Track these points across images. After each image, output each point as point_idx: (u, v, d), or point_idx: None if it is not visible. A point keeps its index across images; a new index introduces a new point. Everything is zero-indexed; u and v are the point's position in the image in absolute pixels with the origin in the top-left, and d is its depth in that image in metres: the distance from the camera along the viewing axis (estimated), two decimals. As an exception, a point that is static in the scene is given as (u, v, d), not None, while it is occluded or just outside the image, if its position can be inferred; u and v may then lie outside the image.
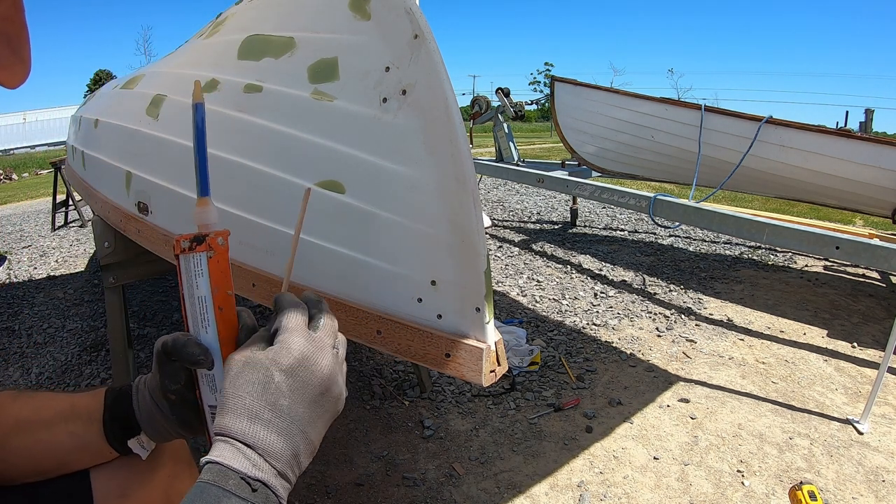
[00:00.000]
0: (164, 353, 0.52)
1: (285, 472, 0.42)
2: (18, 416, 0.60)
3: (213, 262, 0.49)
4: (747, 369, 2.16)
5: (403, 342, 0.68)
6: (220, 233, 0.50)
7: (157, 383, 0.54)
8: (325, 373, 0.45)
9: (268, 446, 0.42)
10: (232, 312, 0.51)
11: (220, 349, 0.50)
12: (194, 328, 0.50)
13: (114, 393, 0.61)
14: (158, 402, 0.56)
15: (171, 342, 0.51)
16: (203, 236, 0.49)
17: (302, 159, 0.74)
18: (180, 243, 0.50)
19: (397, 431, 1.75)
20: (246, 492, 0.39)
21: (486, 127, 4.41)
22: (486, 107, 4.25)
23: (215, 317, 0.49)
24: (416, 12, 0.59)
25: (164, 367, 0.53)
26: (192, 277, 0.49)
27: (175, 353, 0.50)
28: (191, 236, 0.50)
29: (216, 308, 0.49)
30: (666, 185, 5.58)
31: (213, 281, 0.49)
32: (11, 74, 0.32)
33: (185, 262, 0.50)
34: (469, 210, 0.59)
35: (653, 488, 1.49)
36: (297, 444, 0.43)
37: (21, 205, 7.58)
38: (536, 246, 4.04)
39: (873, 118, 13.53)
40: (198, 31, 1.33)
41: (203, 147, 0.51)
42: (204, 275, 0.49)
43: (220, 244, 0.50)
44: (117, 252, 1.50)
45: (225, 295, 0.50)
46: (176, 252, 0.50)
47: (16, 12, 0.32)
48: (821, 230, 2.08)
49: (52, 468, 0.61)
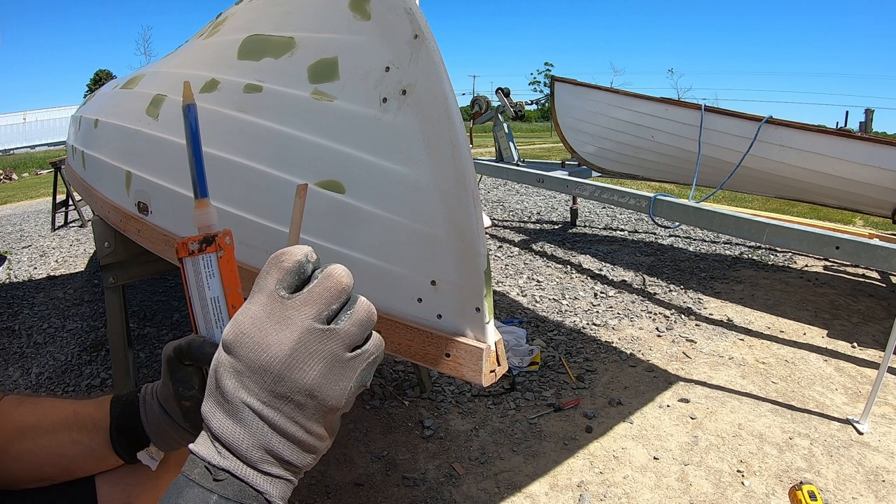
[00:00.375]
0: (176, 358, 0.51)
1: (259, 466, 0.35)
2: (21, 421, 0.60)
3: (223, 262, 0.49)
4: (747, 369, 2.16)
5: (403, 342, 0.68)
6: (226, 232, 0.50)
7: (169, 392, 0.53)
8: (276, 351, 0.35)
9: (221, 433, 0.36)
10: None
11: None
12: (207, 329, 0.50)
13: (120, 404, 0.60)
14: (170, 411, 0.55)
15: (185, 345, 0.50)
16: (212, 237, 0.49)
17: (302, 159, 0.74)
18: (187, 246, 0.49)
19: (397, 431, 1.75)
20: (208, 481, 0.35)
21: (486, 127, 4.41)
22: (486, 107, 4.24)
23: (230, 316, 0.49)
24: (416, 12, 0.59)
25: (176, 373, 0.52)
26: (203, 279, 0.49)
27: (191, 355, 0.49)
28: (198, 238, 0.49)
29: (230, 307, 0.49)
30: (666, 185, 5.58)
31: (224, 280, 0.49)
32: None
33: (193, 265, 0.49)
34: (469, 210, 0.59)
35: (653, 488, 1.49)
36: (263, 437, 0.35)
37: (21, 205, 7.58)
38: (536, 246, 4.04)
39: (873, 118, 13.51)
40: (198, 31, 1.33)
41: (198, 149, 0.50)
42: (216, 275, 0.49)
43: (227, 243, 0.49)
44: (117, 252, 1.50)
45: (237, 293, 0.50)
46: (182, 255, 0.49)
47: None
48: (821, 230, 2.08)
49: (55, 475, 0.61)
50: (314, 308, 0.36)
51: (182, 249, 0.49)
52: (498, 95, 4.17)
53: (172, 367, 0.52)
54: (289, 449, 0.36)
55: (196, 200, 0.51)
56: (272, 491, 0.36)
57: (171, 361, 0.52)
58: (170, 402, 0.54)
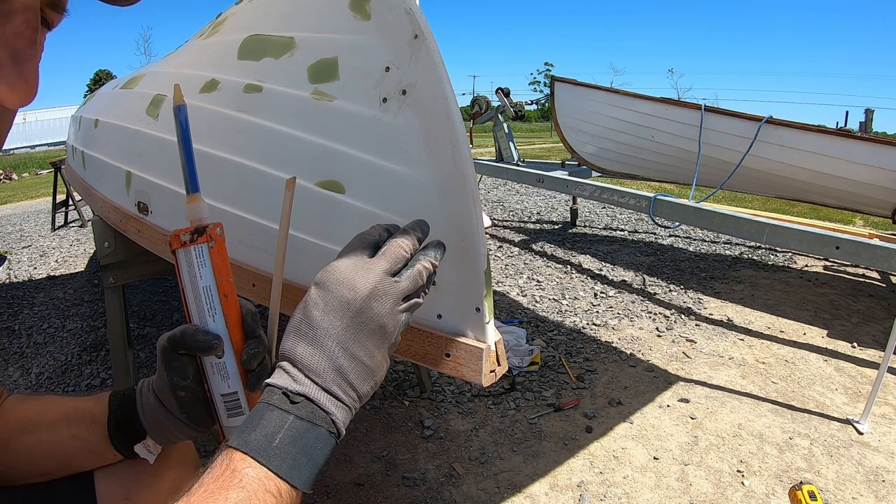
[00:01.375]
0: (170, 347, 0.52)
1: (330, 388, 0.43)
2: (23, 417, 0.61)
3: (214, 252, 0.50)
4: (747, 369, 2.16)
5: (403, 342, 0.68)
6: (216, 224, 0.51)
7: (165, 383, 0.54)
8: (361, 290, 0.44)
9: (302, 358, 0.43)
10: (235, 299, 0.52)
11: (229, 335, 0.51)
12: (200, 319, 0.51)
13: (118, 398, 0.61)
14: (166, 403, 0.55)
15: (179, 334, 0.51)
16: (203, 227, 0.50)
17: (302, 159, 0.74)
18: (179, 237, 0.50)
19: (397, 431, 1.75)
20: (285, 404, 0.41)
21: (486, 127, 4.41)
22: (486, 107, 4.24)
23: (221, 304, 0.50)
24: (416, 12, 0.59)
25: (170, 363, 0.52)
26: (196, 269, 0.50)
27: (185, 343, 0.50)
28: (190, 229, 0.50)
29: (221, 296, 0.50)
30: (666, 185, 5.58)
31: (216, 270, 0.50)
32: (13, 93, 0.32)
33: (185, 256, 0.50)
34: (469, 210, 0.59)
35: (653, 488, 1.49)
36: (337, 359, 0.43)
37: (21, 205, 7.58)
38: (536, 246, 4.04)
39: (873, 118, 13.52)
40: (198, 31, 1.33)
41: (189, 146, 0.52)
42: (207, 265, 0.50)
43: (218, 234, 0.51)
44: (117, 252, 1.50)
45: (228, 283, 0.51)
46: (174, 247, 0.51)
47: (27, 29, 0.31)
48: (821, 230, 2.08)
49: (55, 469, 0.61)
50: (385, 264, 0.46)
51: (175, 241, 0.51)
52: (498, 95, 4.17)
53: (167, 358, 0.53)
54: (356, 371, 0.44)
55: (188, 195, 0.53)
56: (337, 413, 0.43)
57: (165, 351, 0.52)
58: (165, 394, 0.55)
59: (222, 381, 0.52)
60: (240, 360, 0.51)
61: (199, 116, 0.95)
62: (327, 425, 0.42)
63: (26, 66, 0.32)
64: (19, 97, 0.32)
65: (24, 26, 0.31)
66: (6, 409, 0.61)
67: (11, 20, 0.31)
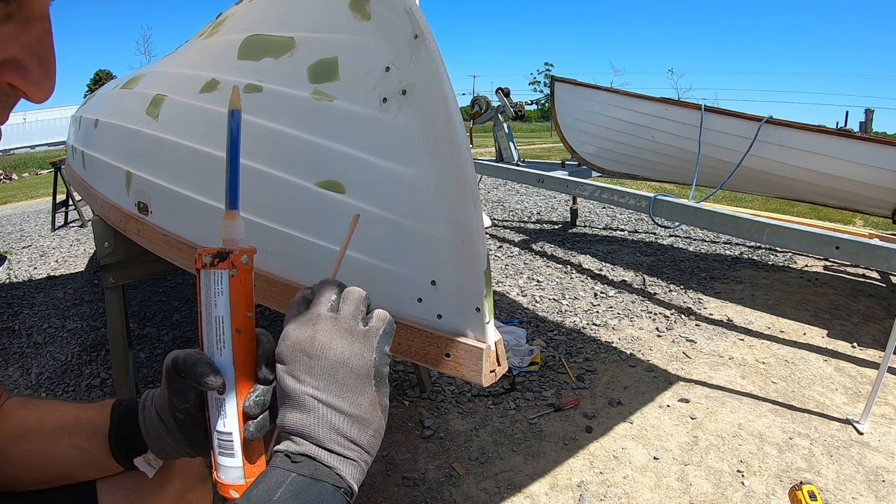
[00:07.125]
0: (173, 369, 0.50)
1: (327, 446, 0.43)
2: (23, 424, 0.60)
3: (234, 281, 0.46)
4: (747, 369, 2.16)
5: (403, 342, 0.68)
6: (245, 250, 0.47)
7: (165, 401, 0.52)
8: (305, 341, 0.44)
9: (294, 426, 0.44)
10: (250, 336, 0.48)
11: (235, 374, 0.47)
12: (209, 349, 0.47)
13: (120, 409, 0.59)
14: (166, 421, 0.53)
15: (181, 358, 0.48)
16: (227, 252, 0.46)
17: (302, 159, 0.74)
18: (202, 258, 0.47)
19: (397, 431, 1.75)
20: (287, 464, 0.42)
21: (486, 127, 4.41)
22: (486, 107, 4.24)
23: (232, 340, 0.47)
24: (416, 12, 0.59)
25: (172, 383, 0.50)
26: (212, 295, 0.46)
27: (185, 370, 0.48)
28: (214, 251, 0.47)
29: (233, 330, 0.46)
30: (666, 185, 5.58)
31: (232, 301, 0.46)
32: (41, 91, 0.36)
33: (205, 278, 0.47)
34: (469, 210, 0.59)
35: (653, 488, 1.49)
36: (324, 416, 0.43)
37: (21, 205, 7.58)
38: (536, 246, 4.04)
39: (873, 118, 13.50)
40: (198, 31, 1.33)
41: (236, 157, 0.48)
42: (224, 293, 0.46)
43: (243, 262, 0.47)
44: (117, 252, 1.50)
45: (245, 317, 0.47)
46: (197, 266, 0.47)
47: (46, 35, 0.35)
48: (821, 230, 2.08)
49: (55, 478, 0.60)
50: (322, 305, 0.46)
51: (198, 260, 0.47)
52: (498, 95, 4.17)
53: (170, 378, 0.50)
54: (347, 423, 0.44)
55: (226, 211, 0.49)
56: (342, 468, 0.43)
57: (168, 372, 0.50)
58: (165, 412, 0.53)
59: (219, 419, 0.48)
60: (241, 403, 0.48)
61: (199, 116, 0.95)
62: (333, 480, 0.42)
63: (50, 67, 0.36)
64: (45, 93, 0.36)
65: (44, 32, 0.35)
66: (6, 413, 0.60)
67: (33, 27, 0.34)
